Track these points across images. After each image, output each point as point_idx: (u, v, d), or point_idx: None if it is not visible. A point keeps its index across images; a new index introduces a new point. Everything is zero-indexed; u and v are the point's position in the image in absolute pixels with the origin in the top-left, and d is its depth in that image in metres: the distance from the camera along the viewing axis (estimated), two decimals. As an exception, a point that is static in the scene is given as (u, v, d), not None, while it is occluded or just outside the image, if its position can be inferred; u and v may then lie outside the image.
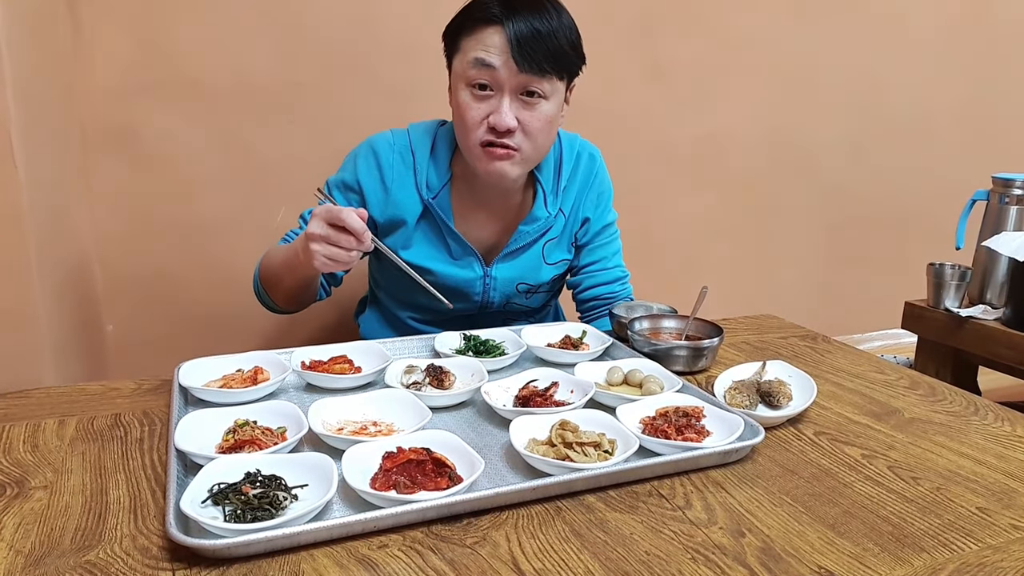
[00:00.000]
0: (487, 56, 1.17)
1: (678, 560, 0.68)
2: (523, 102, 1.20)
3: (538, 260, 1.40)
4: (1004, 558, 0.70)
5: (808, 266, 2.60)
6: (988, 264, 1.76)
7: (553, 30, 1.17)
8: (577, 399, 0.99)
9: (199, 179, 1.74)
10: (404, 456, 0.78)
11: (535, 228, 1.36)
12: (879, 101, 2.52)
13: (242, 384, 1.00)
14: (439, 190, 1.31)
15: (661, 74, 2.18)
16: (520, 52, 1.15)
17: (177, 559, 0.66)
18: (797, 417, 1.01)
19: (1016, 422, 1.01)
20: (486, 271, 1.37)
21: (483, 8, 1.18)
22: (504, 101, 1.19)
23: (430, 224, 1.33)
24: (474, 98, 1.20)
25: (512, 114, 1.19)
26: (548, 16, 1.18)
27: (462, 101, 1.21)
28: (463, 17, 1.22)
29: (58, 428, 0.93)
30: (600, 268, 1.46)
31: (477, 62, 1.18)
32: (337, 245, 1.07)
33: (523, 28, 1.16)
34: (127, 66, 1.62)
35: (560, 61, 1.20)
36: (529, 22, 1.16)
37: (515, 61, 1.16)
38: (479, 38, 1.18)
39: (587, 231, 1.43)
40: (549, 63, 1.18)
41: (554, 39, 1.18)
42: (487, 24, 1.17)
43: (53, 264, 1.34)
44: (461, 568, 0.66)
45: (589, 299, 1.47)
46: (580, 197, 1.40)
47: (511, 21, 1.16)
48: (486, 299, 1.39)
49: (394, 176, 1.31)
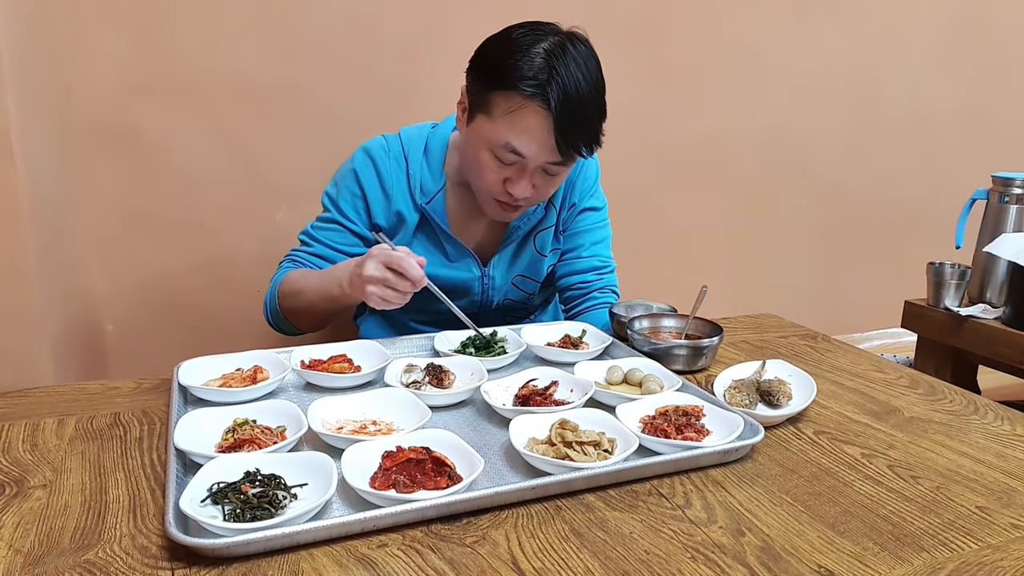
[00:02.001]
0: (522, 145, 1.12)
1: (678, 559, 0.68)
2: (544, 174, 1.18)
3: (533, 253, 1.39)
4: (1004, 557, 0.70)
5: (808, 265, 2.60)
6: (988, 263, 1.76)
7: (592, 104, 1.12)
8: (577, 398, 0.99)
9: (199, 179, 1.74)
10: (404, 455, 0.78)
11: (525, 222, 1.35)
12: (879, 101, 2.52)
13: (241, 383, 1.00)
14: (433, 195, 1.30)
15: (661, 74, 2.18)
16: (559, 140, 1.11)
17: (176, 558, 0.66)
18: (797, 416, 1.01)
19: (1016, 421, 1.01)
20: (484, 271, 1.37)
21: (521, 78, 1.08)
22: (526, 177, 1.17)
23: (426, 229, 1.33)
24: (497, 165, 1.17)
25: (531, 185, 1.18)
26: (587, 81, 1.10)
27: (483, 161, 1.17)
28: (495, 79, 1.11)
29: (57, 427, 0.93)
30: (576, 256, 1.41)
31: (510, 148, 1.13)
32: (395, 289, 1.07)
33: (565, 110, 1.08)
34: (127, 66, 1.62)
35: (592, 140, 1.16)
36: (570, 100, 1.08)
37: (552, 148, 1.12)
38: (519, 114, 1.10)
39: (571, 215, 1.40)
40: (584, 147, 1.15)
41: (592, 118, 1.13)
42: (531, 100, 1.09)
43: (53, 264, 1.34)
44: (460, 567, 0.66)
45: (565, 288, 1.43)
46: (569, 184, 1.37)
47: (554, 98, 1.08)
48: (485, 298, 1.39)
49: (392, 182, 1.30)
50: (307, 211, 1.46)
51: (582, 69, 1.10)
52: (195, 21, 1.65)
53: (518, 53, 1.10)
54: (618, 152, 1.63)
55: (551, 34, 1.12)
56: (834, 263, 2.63)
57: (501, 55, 1.12)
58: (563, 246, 1.42)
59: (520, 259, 1.39)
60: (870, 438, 0.95)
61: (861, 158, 2.56)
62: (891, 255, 2.67)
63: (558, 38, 1.12)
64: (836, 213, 2.58)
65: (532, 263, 1.40)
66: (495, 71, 1.12)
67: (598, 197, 1.43)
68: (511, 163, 1.16)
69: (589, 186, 1.40)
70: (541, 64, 1.08)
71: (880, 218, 2.64)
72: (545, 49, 1.09)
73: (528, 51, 1.09)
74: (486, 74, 1.14)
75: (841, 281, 2.65)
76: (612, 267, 1.45)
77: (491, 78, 1.13)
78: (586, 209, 1.41)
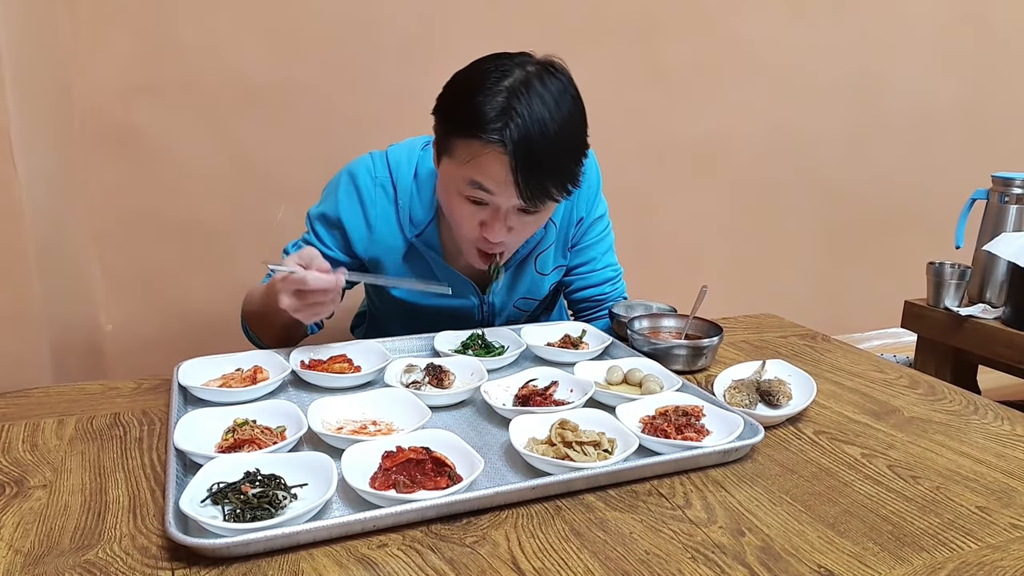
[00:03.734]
0: (486, 183, 1.05)
1: (678, 559, 0.68)
2: (520, 215, 1.11)
3: (533, 275, 1.34)
4: (1004, 557, 0.70)
5: (808, 265, 2.60)
6: (988, 263, 1.76)
7: (559, 145, 1.04)
8: (577, 398, 0.99)
9: (199, 179, 1.74)
10: (404, 455, 0.78)
11: (523, 246, 1.27)
12: (879, 100, 2.53)
13: (241, 383, 1.00)
14: (424, 227, 1.23)
15: (661, 74, 2.18)
16: (522, 184, 1.03)
17: (176, 558, 0.66)
18: (797, 416, 1.01)
19: (1016, 421, 1.01)
20: (483, 299, 1.32)
21: (480, 122, 1.01)
22: (499, 221, 1.09)
23: (418, 260, 1.26)
24: (468, 207, 1.10)
25: (506, 228, 1.11)
26: (554, 121, 1.02)
27: (454, 204, 1.11)
28: (456, 122, 1.06)
29: (57, 427, 0.93)
30: (590, 269, 1.39)
31: (474, 184, 1.06)
32: (312, 304, 1.03)
33: (531, 163, 1.01)
34: (127, 66, 1.62)
35: (564, 182, 1.07)
36: (532, 144, 1.00)
37: (515, 192, 1.04)
38: (476, 159, 1.03)
39: (580, 230, 1.36)
40: (554, 190, 1.07)
41: (558, 160, 1.05)
42: (487, 145, 1.01)
43: (53, 264, 1.34)
44: (461, 567, 0.66)
45: (580, 300, 1.42)
46: (572, 201, 1.29)
47: (512, 143, 1.00)
48: (486, 324, 1.35)
49: (377, 213, 1.22)
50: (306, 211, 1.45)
51: (549, 107, 1.02)
52: (195, 21, 1.65)
53: (480, 93, 1.02)
54: (618, 152, 1.64)
55: (519, 67, 1.04)
56: (834, 263, 2.63)
57: (463, 94, 1.06)
58: (572, 261, 1.38)
59: (520, 283, 1.34)
60: (870, 438, 0.95)
61: (861, 158, 2.57)
62: (891, 255, 2.67)
63: (526, 73, 1.03)
64: (836, 213, 2.58)
65: (533, 284, 1.35)
66: (456, 113, 1.07)
67: (601, 204, 1.39)
68: (483, 203, 1.09)
69: (592, 196, 1.35)
70: (501, 104, 1.01)
71: (880, 218, 2.65)
72: (508, 87, 1.02)
73: (491, 89, 1.02)
74: (448, 117, 1.09)
75: (841, 281, 2.66)
76: (621, 273, 1.44)
77: (452, 122, 1.07)
78: (594, 220, 1.37)
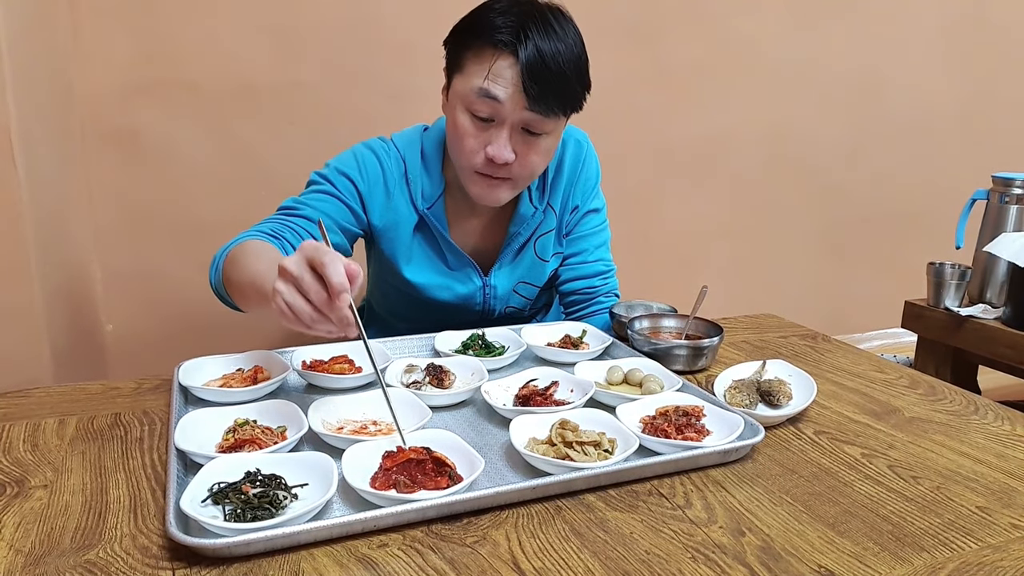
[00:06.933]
0: (493, 88, 1.09)
1: (678, 559, 0.68)
2: (524, 135, 1.14)
3: (533, 259, 1.36)
4: (1004, 557, 0.70)
5: (808, 265, 2.60)
6: (988, 263, 1.76)
7: (566, 63, 1.09)
8: (577, 398, 0.99)
9: (199, 179, 1.74)
10: (404, 455, 0.78)
11: (525, 228, 1.32)
12: (879, 101, 2.53)
13: (242, 383, 1.00)
14: (434, 200, 1.27)
15: (661, 75, 2.18)
16: (530, 89, 1.07)
17: (177, 558, 0.66)
18: (797, 416, 1.01)
19: (1016, 421, 1.01)
20: (485, 281, 1.34)
21: (493, 30, 1.08)
22: (504, 134, 1.13)
23: (426, 236, 1.30)
24: (474, 126, 1.13)
25: (511, 148, 1.14)
26: (562, 44, 1.09)
27: (460, 124, 1.14)
28: (469, 34, 1.12)
29: (58, 427, 0.93)
30: (581, 261, 1.40)
31: (482, 92, 1.09)
32: (305, 296, 0.79)
33: (536, 61, 1.07)
34: (127, 66, 1.62)
35: (569, 100, 1.14)
36: (542, 54, 1.07)
37: (524, 97, 1.08)
38: (487, 64, 1.09)
39: (574, 218, 1.38)
40: (558, 103, 1.11)
41: (566, 76, 1.10)
42: (497, 50, 1.08)
43: (53, 264, 1.34)
44: (461, 567, 0.66)
45: (569, 292, 1.42)
46: (570, 186, 1.34)
47: (524, 51, 1.06)
48: (487, 308, 1.37)
49: (395, 181, 1.26)
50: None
51: (558, 31, 1.09)
52: (195, 22, 1.65)
53: (493, 10, 1.10)
54: (618, 152, 1.64)
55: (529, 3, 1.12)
56: (834, 263, 2.64)
57: (477, 12, 1.13)
58: (566, 250, 1.40)
59: (521, 266, 1.36)
60: (870, 438, 0.95)
61: (861, 158, 2.57)
62: (891, 255, 2.67)
63: (535, 5, 1.12)
64: (836, 213, 2.58)
65: (533, 269, 1.38)
66: (468, 28, 1.13)
67: (599, 198, 1.42)
68: (487, 118, 1.12)
69: (591, 187, 1.38)
70: (515, 18, 1.08)
71: (881, 218, 2.65)
72: (521, 9, 1.09)
73: (505, 8, 1.10)
74: (462, 30, 1.15)
75: (841, 281, 2.66)
76: (614, 270, 1.44)
77: (466, 34, 1.13)
78: (589, 211, 1.39)
